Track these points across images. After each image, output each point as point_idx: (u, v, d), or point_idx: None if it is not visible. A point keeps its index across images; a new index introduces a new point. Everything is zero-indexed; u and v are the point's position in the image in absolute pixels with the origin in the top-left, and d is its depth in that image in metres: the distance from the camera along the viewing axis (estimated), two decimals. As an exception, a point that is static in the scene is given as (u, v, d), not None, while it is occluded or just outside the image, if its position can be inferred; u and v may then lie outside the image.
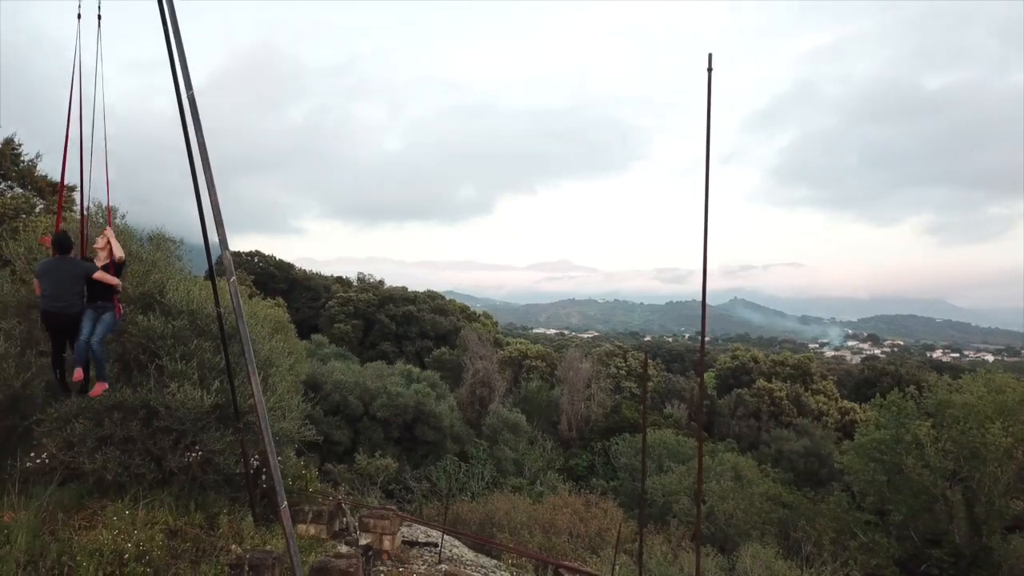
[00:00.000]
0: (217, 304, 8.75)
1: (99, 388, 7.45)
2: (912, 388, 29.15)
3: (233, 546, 9.02)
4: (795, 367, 51.85)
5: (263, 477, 10.09)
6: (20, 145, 19.27)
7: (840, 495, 28.75)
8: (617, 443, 37.88)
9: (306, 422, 11.22)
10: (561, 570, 9.24)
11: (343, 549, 9.78)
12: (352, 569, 8.25)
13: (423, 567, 9.60)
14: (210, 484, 9.63)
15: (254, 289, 52.24)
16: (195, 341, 9.58)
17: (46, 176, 19.55)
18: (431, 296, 62.74)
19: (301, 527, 10.04)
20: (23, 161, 19.19)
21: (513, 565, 11.79)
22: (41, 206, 18.76)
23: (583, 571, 8.88)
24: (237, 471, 9.63)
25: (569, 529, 21.63)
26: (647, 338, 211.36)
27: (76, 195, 18.89)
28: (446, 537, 11.89)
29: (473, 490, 30.15)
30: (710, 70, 4.05)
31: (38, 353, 9.49)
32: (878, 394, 29.67)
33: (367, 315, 57.95)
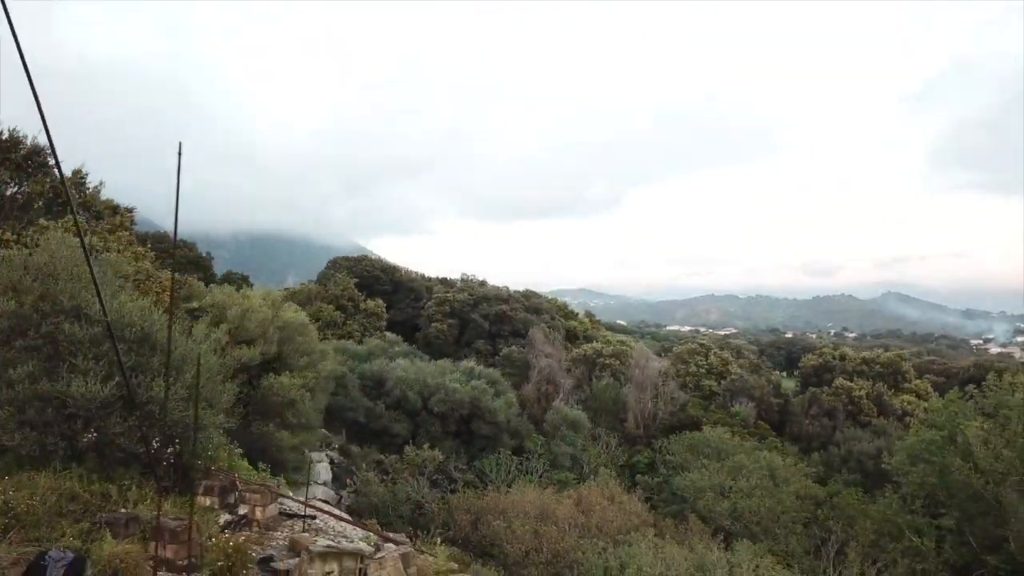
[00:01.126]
0: (105, 314, 10.83)
1: None
2: (972, 387, 27.22)
3: (122, 510, 11.08)
4: (886, 365, 48.88)
5: (166, 454, 12.11)
6: (86, 175, 22.94)
7: (892, 496, 27.40)
8: (673, 440, 37.81)
9: (228, 415, 13.25)
10: (384, 540, 10.58)
11: (224, 517, 11.61)
12: (180, 529, 10.04)
13: (285, 532, 11.24)
14: (119, 460, 11.76)
15: (355, 291, 56.11)
16: (106, 344, 11.75)
17: (108, 200, 23.24)
18: (526, 295, 64.47)
19: (198, 498, 11.96)
20: (88, 189, 22.81)
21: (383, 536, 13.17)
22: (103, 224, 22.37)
23: (396, 540, 10.17)
24: (139, 450, 11.72)
25: (569, 520, 22.61)
26: (788, 334, 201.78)
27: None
28: (331, 511, 13.49)
29: (522, 482, 31.43)
30: (180, 155, 5.24)
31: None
32: (937, 394, 27.98)
33: (462, 315, 60.57)
